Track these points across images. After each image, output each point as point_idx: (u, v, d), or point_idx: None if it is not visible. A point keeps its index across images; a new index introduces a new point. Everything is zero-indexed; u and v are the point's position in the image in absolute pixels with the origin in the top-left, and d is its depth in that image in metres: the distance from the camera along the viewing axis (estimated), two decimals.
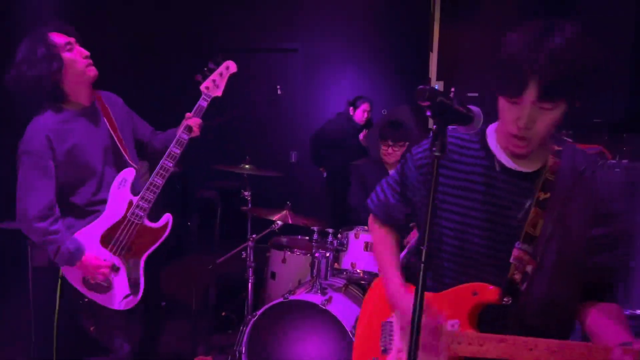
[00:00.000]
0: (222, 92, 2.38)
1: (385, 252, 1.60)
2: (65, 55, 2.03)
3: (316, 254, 2.87)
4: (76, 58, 2.06)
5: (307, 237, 3.35)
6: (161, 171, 2.20)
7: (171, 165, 2.21)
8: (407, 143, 3.31)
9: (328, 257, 2.94)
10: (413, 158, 1.47)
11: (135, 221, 2.18)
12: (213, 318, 3.55)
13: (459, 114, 1.04)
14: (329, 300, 2.56)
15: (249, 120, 5.92)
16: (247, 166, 3.39)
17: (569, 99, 1.16)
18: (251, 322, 2.67)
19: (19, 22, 4.16)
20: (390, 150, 3.32)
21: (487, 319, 1.32)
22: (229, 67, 2.40)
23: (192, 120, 2.29)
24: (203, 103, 2.32)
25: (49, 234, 2.03)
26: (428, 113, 1.01)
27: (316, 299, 2.57)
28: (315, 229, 3.02)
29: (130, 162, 2.24)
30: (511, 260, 1.28)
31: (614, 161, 3.04)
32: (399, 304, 1.46)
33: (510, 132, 1.20)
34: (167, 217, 2.26)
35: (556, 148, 1.32)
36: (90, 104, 2.17)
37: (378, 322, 1.57)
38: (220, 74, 2.38)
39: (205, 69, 2.38)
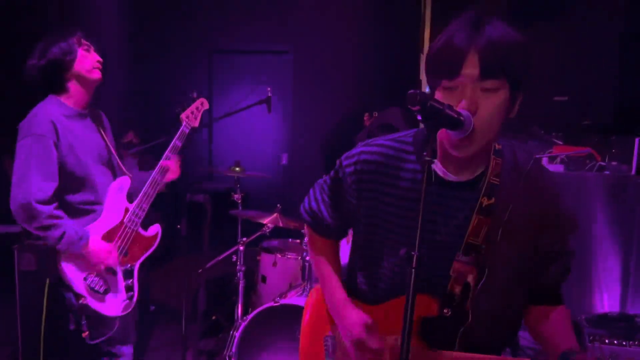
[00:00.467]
0: (198, 124, 2.62)
1: (325, 264, 1.49)
2: (80, 51, 2.16)
3: (307, 257, 2.85)
4: (88, 58, 2.19)
5: (298, 240, 3.33)
6: (153, 184, 2.34)
7: (163, 179, 2.37)
8: None
9: None
10: (344, 171, 1.35)
11: (132, 227, 2.26)
12: (203, 322, 3.53)
13: (450, 118, 1.02)
14: None
15: (239, 122, 5.89)
16: (237, 169, 3.37)
17: (511, 80, 1.08)
18: (242, 326, 2.65)
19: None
20: None
21: (432, 333, 1.25)
22: (203, 103, 2.66)
23: (170, 163, 2.40)
24: (185, 129, 2.51)
25: (53, 218, 2.00)
26: (419, 117, 0.99)
27: None
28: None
29: (125, 170, 2.35)
30: (450, 273, 1.21)
31: (603, 163, 3.06)
32: (343, 321, 1.37)
33: None
34: (156, 228, 2.39)
35: (497, 146, 1.23)
36: (88, 108, 2.25)
37: (320, 336, 1.49)
38: (197, 108, 2.63)
39: (184, 102, 2.62)
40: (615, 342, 2.35)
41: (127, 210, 2.26)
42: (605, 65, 3.97)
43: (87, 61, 2.17)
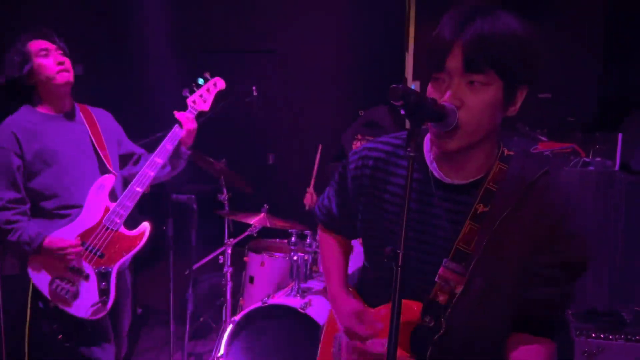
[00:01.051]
0: (209, 107, 2.40)
1: (330, 257, 1.51)
2: (38, 61, 2.10)
3: (294, 257, 2.84)
4: (48, 64, 2.11)
5: (285, 240, 3.31)
6: (141, 179, 2.20)
7: (152, 173, 2.20)
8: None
9: (307, 259, 2.91)
10: (348, 167, 1.34)
11: (111, 227, 2.15)
12: (191, 324, 3.50)
13: (433, 111, 1.01)
14: (308, 303, 2.53)
15: (225, 122, 5.86)
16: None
17: (501, 72, 1.03)
18: (230, 327, 2.63)
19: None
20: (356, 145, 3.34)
21: (420, 341, 1.20)
22: (217, 83, 2.44)
23: (181, 115, 2.29)
24: (190, 115, 2.34)
25: (9, 223, 2.04)
26: (402, 112, 0.98)
27: (295, 302, 2.55)
28: (294, 231, 2.99)
29: (111, 169, 2.24)
30: (436, 279, 1.15)
31: (587, 158, 3.08)
32: (337, 311, 1.38)
33: None
34: (144, 227, 2.23)
35: (506, 152, 1.16)
36: (66, 110, 2.21)
37: (332, 336, 1.48)
38: (208, 90, 2.41)
39: (193, 84, 2.40)
40: (602, 336, 2.36)
41: (107, 209, 2.16)
42: (588, 63, 4.01)
43: (48, 68, 2.11)
